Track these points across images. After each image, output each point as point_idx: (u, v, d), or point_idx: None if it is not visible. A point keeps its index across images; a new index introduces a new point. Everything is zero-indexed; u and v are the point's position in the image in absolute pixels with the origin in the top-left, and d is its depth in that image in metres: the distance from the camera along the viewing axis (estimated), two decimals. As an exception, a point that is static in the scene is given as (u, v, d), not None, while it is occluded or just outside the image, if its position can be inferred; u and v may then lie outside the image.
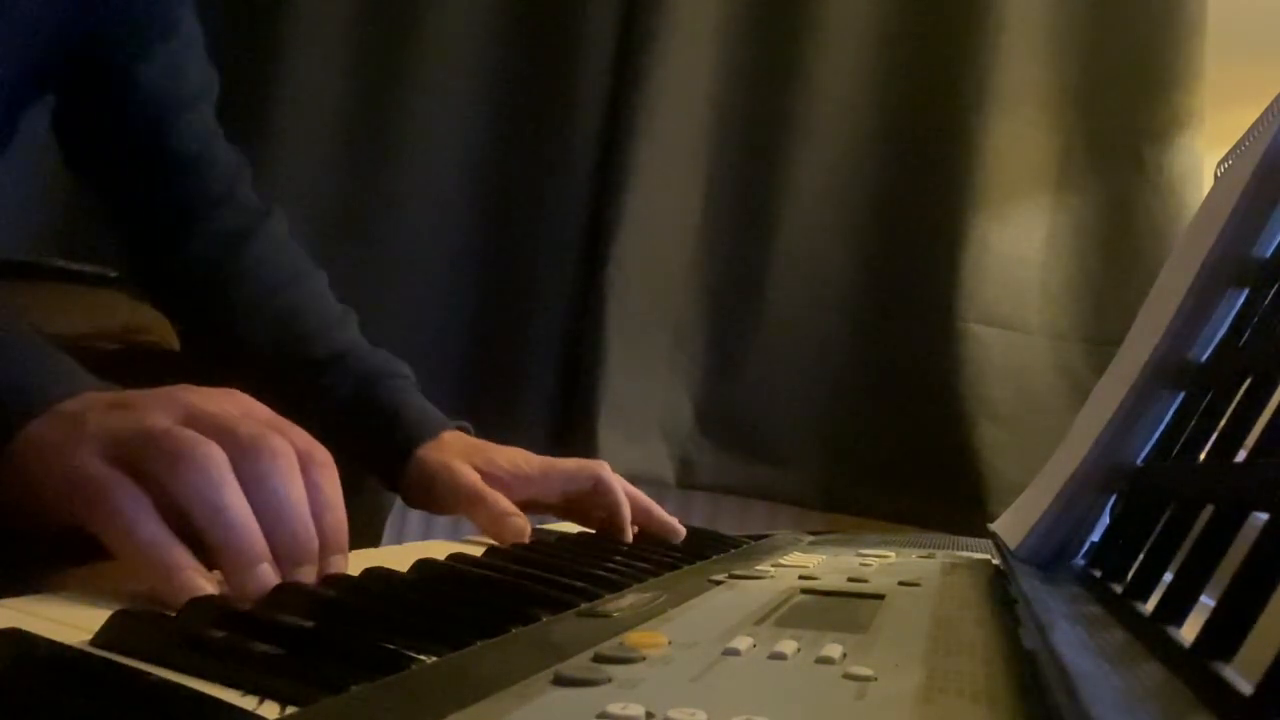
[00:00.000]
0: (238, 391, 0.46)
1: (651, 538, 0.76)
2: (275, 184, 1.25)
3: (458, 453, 0.76)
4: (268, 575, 0.41)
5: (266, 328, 0.81)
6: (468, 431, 0.80)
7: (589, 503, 0.77)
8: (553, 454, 0.79)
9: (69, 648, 0.31)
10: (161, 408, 0.43)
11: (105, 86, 0.77)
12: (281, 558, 0.42)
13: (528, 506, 0.76)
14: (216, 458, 0.40)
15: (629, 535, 0.75)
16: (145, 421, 0.42)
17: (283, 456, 0.43)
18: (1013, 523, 0.62)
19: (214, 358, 0.83)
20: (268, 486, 0.42)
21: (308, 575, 0.43)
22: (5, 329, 0.49)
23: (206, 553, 0.41)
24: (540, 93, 1.33)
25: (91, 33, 0.73)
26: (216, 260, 0.82)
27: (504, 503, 0.71)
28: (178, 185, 0.81)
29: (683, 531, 0.78)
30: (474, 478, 0.73)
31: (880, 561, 0.64)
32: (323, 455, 0.46)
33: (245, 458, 0.42)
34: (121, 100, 0.77)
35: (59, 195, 1.19)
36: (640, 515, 0.77)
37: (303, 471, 0.44)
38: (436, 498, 0.75)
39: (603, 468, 0.77)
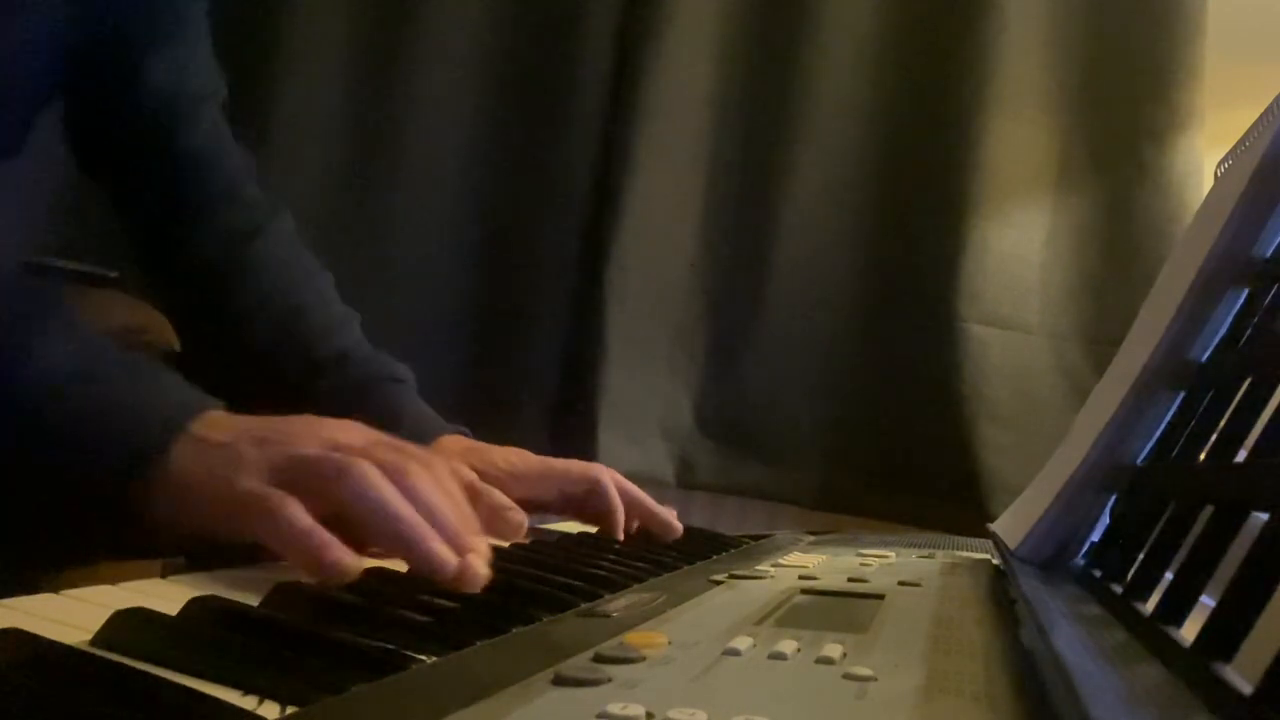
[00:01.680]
0: (356, 423, 0.52)
1: (651, 537, 0.76)
2: (273, 185, 1.25)
3: (454, 455, 0.76)
4: (442, 551, 0.44)
5: (266, 328, 0.81)
6: (465, 435, 0.80)
7: (585, 505, 0.77)
8: (553, 454, 0.79)
9: (69, 648, 0.31)
10: (305, 438, 0.48)
11: (116, 84, 0.77)
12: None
13: (524, 506, 0.76)
14: (373, 471, 0.46)
15: (619, 538, 0.75)
16: (297, 451, 0.47)
17: (426, 475, 0.48)
18: (1013, 523, 0.62)
19: (214, 357, 0.83)
20: (420, 501, 0.46)
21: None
22: (109, 349, 0.52)
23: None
24: (540, 93, 1.33)
25: (105, 30, 0.73)
26: (220, 259, 0.82)
27: (498, 497, 0.71)
28: (183, 183, 0.81)
29: (679, 529, 0.78)
30: (470, 476, 0.73)
31: (880, 561, 0.64)
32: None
33: (395, 478, 0.46)
34: (131, 98, 0.78)
35: (58, 195, 1.19)
36: (639, 514, 0.77)
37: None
38: None
39: (601, 471, 0.76)
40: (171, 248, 0.82)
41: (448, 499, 0.48)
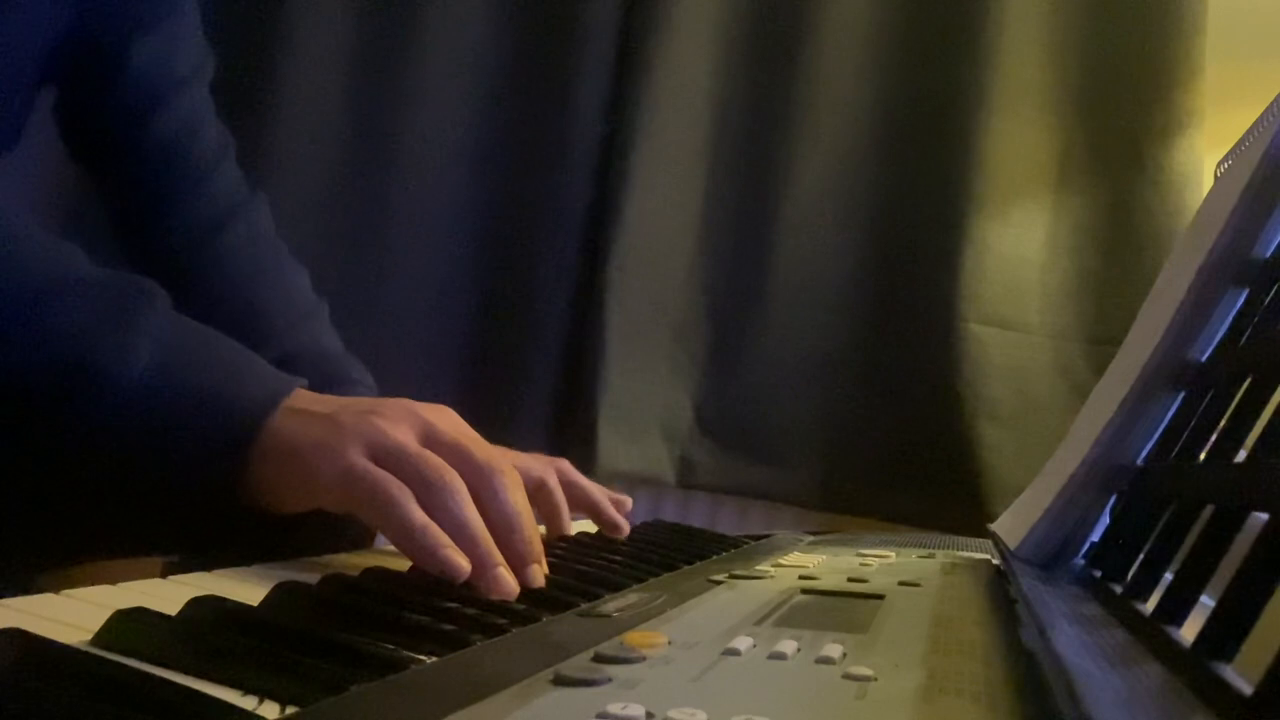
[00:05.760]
0: (446, 408, 0.55)
1: (650, 538, 0.76)
2: (274, 183, 1.25)
3: None
4: (504, 578, 0.48)
5: (224, 324, 0.80)
6: None
7: (535, 504, 0.73)
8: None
9: (69, 648, 0.31)
10: (402, 420, 0.51)
11: (103, 69, 0.76)
12: (513, 560, 0.49)
13: None
14: (459, 487, 0.49)
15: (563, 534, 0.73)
16: (397, 435, 0.50)
17: (509, 479, 0.51)
18: (1013, 523, 0.62)
19: None
20: (497, 505, 0.50)
21: (536, 575, 0.50)
22: (200, 330, 0.54)
23: None
24: (540, 92, 1.33)
25: (98, 14, 0.72)
26: (182, 254, 0.81)
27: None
28: (152, 174, 0.81)
29: (626, 529, 0.76)
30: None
31: (880, 561, 0.64)
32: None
33: (482, 483, 0.50)
34: (110, 82, 0.77)
35: (57, 193, 1.19)
36: (586, 511, 0.76)
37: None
38: None
39: (551, 472, 0.73)
40: (140, 238, 0.82)
41: (524, 506, 0.51)
